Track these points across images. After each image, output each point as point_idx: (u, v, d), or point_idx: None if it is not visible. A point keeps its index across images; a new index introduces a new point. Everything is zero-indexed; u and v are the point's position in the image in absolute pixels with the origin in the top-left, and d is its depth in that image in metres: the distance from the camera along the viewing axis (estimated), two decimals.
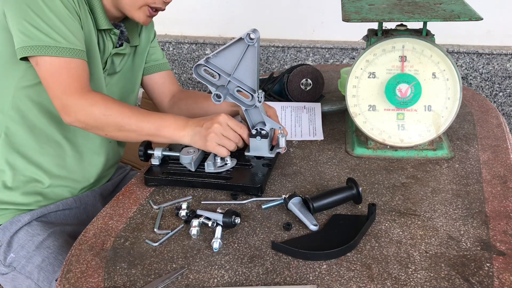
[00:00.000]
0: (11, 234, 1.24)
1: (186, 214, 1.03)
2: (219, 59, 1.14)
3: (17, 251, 1.22)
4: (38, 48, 1.10)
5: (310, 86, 1.55)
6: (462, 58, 2.71)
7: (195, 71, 1.16)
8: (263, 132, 1.20)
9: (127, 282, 0.87)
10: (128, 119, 1.15)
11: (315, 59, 2.87)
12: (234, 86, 1.16)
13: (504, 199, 1.06)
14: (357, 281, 0.85)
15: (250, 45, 1.09)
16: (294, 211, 1.02)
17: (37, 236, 1.23)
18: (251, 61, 1.12)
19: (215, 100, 1.15)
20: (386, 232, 0.97)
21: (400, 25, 1.25)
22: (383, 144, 1.26)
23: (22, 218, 1.25)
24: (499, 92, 2.74)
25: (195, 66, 1.15)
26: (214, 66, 1.15)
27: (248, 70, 1.13)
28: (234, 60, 1.13)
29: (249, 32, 1.08)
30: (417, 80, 1.19)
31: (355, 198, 1.06)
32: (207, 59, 1.14)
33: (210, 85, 1.17)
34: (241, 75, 1.15)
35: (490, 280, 0.84)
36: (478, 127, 1.41)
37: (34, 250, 1.21)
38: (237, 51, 1.12)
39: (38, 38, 1.10)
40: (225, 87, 1.17)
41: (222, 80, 1.16)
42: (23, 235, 1.24)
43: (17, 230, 1.24)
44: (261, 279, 0.86)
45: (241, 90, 1.16)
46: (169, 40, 3.02)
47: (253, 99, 1.16)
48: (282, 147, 1.22)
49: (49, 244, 1.22)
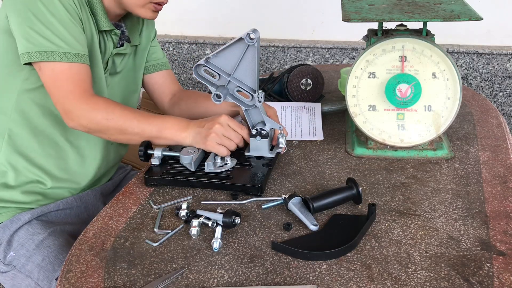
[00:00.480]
0: (11, 232, 1.24)
1: (186, 214, 1.03)
2: (219, 59, 1.14)
3: (17, 249, 1.22)
4: (40, 54, 1.11)
5: (310, 86, 1.55)
6: (462, 58, 2.71)
7: (195, 71, 1.16)
8: (263, 132, 1.20)
9: (127, 282, 0.87)
10: (130, 122, 1.16)
11: (315, 59, 2.87)
12: (234, 86, 1.16)
13: (504, 199, 1.06)
14: (357, 281, 0.85)
15: (250, 45, 1.09)
16: (294, 211, 1.02)
17: (37, 235, 1.23)
18: (251, 61, 1.12)
19: (215, 100, 1.15)
20: (386, 232, 0.97)
21: (400, 25, 1.25)
22: (383, 144, 1.26)
23: (23, 216, 1.25)
24: (499, 92, 2.74)
25: (195, 66, 1.15)
26: (214, 66, 1.15)
27: (248, 70, 1.13)
28: (234, 60, 1.13)
29: (249, 32, 1.08)
30: (417, 80, 1.19)
31: (355, 198, 1.06)
32: (207, 59, 1.14)
33: (210, 85, 1.17)
34: (241, 75, 1.15)
35: (490, 280, 0.84)
36: (478, 127, 1.41)
37: (34, 249, 1.21)
38: (237, 51, 1.12)
39: (40, 44, 1.11)
40: (225, 87, 1.17)
41: (222, 80, 1.16)
42: (23, 233, 1.24)
43: (17, 229, 1.24)
44: (261, 279, 0.86)
45: (241, 90, 1.16)
46: (169, 40, 3.02)
47: (253, 99, 1.16)
48: (282, 147, 1.22)
49: (49, 243, 1.22)
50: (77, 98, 1.14)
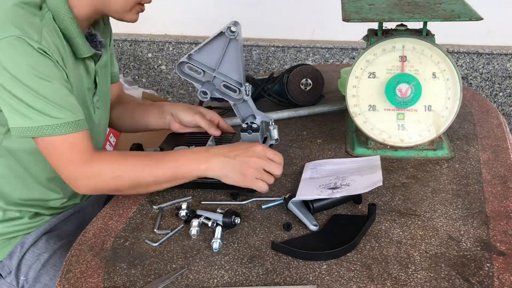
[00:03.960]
0: (19, 258, 1.21)
1: (186, 214, 1.03)
2: (202, 55, 1.11)
3: (26, 273, 1.20)
4: (33, 129, 1.00)
5: (310, 86, 1.55)
6: (462, 58, 2.71)
7: (178, 69, 1.13)
8: (253, 125, 1.17)
9: (127, 282, 0.87)
10: (142, 172, 1.04)
11: (315, 59, 2.86)
12: (220, 81, 1.13)
13: (504, 199, 1.06)
14: (357, 281, 0.85)
15: (232, 38, 1.07)
16: (294, 211, 1.02)
17: (42, 255, 1.21)
18: (234, 55, 1.09)
19: (201, 97, 1.13)
20: (386, 232, 0.97)
21: (400, 25, 1.25)
22: (383, 144, 1.26)
23: (27, 239, 1.22)
24: (499, 92, 2.73)
25: (178, 64, 1.12)
26: (197, 62, 1.12)
27: (232, 64, 1.11)
28: (217, 55, 1.10)
29: (229, 25, 1.06)
30: (417, 80, 1.19)
31: (355, 198, 1.06)
32: (190, 56, 1.12)
33: (195, 82, 1.14)
34: (226, 69, 1.12)
35: (490, 280, 0.84)
36: (478, 127, 1.41)
37: (41, 269, 1.19)
38: (220, 46, 1.09)
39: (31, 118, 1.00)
40: (211, 83, 1.14)
41: (207, 76, 1.14)
42: (30, 256, 1.21)
43: (24, 253, 1.21)
44: (261, 279, 0.86)
45: (227, 85, 1.14)
46: (169, 40, 3.01)
47: (240, 93, 1.14)
48: (274, 139, 1.20)
49: (55, 262, 1.20)
50: (78, 164, 1.03)
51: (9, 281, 1.22)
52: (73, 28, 1.09)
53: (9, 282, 1.22)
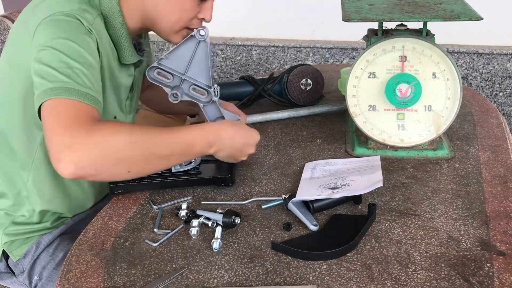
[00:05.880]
0: (33, 258, 1.22)
1: (186, 214, 1.03)
2: (171, 60, 1.13)
3: (40, 272, 1.21)
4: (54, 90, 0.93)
5: (310, 86, 1.55)
6: (462, 58, 2.71)
7: (147, 74, 1.14)
8: None
9: (127, 283, 0.87)
10: (158, 144, 0.96)
11: (315, 59, 2.87)
12: (188, 84, 1.15)
13: (504, 199, 1.06)
14: (357, 281, 0.85)
15: (201, 40, 1.11)
16: (294, 211, 1.02)
17: (57, 254, 1.22)
18: (203, 58, 1.12)
19: (172, 99, 1.14)
20: (386, 232, 0.97)
21: (400, 25, 1.25)
22: (383, 144, 1.26)
23: (43, 240, 1.23)
24: (499, 92, 2.73)
25: (147, 69, 1.13)
26: (166, 67, 1.14)
27: (200, 67, 1.13)
28: (186, 59, 1.13)
29: (199, 29, 1.11)
30: (417, 80, 1.19)
31: (355, 198, 1.05)
32: (159, 62, 1.13)
33: (164, 86, 1.15)
34: (194, 73, 1.14)
35: (490, 280, 0.84)
36: (478, 127, 1.41)
37: (54, 268, 1.21)
38: (189, 49, 1.12)
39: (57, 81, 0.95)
40: (179, 86, 1.15)
41: (176, 80, 1.15)
42: (44, 256, 1.22)
43: (39, 254, 1.22)
44: (261, 279, 0.86)
45: (196, 88, 1.16)
46: None
47: (209, 95, 1.16)
48: None
49: None
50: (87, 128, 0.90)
51: (22, 280, 1.22)
52: (123, 36, 1.13)
53: (21, 281, 1.22)
